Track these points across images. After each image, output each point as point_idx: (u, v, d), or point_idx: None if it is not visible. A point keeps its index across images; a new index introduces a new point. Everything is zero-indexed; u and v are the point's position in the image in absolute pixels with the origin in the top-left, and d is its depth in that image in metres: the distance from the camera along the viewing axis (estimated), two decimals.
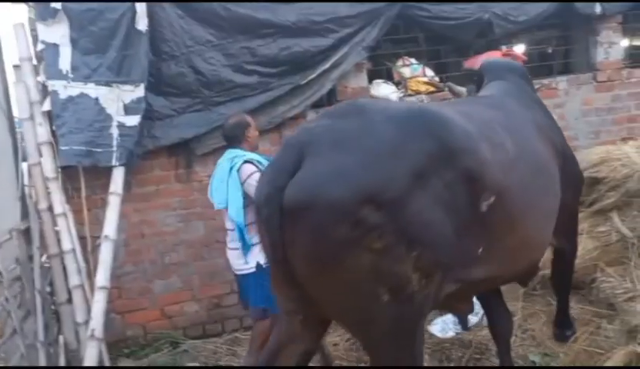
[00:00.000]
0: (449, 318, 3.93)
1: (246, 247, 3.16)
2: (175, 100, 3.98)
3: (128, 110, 3.80)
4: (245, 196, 3.15)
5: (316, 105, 4.30)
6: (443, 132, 1.97)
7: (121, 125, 3.78)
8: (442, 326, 3.88)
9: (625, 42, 5.30)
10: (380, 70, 4.70)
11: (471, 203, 1.99)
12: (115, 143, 3.78)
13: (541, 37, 6.68)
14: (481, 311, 3.88)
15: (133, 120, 3.80)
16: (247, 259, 3.19)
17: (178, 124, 3.98)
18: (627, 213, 3.57)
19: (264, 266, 3.10)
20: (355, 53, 4.25)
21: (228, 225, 3.30)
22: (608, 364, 2.59)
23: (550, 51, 6.52)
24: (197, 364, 3.84)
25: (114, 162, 3.77)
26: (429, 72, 4.64)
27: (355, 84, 4.40)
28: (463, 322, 3.80)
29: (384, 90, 4.47)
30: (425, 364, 3.32)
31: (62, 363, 3.54)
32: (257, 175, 3.09)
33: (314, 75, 4.18)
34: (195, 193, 4.16)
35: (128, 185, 3.91)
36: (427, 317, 4.07)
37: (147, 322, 4.14)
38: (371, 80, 4.52)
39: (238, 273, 3.29)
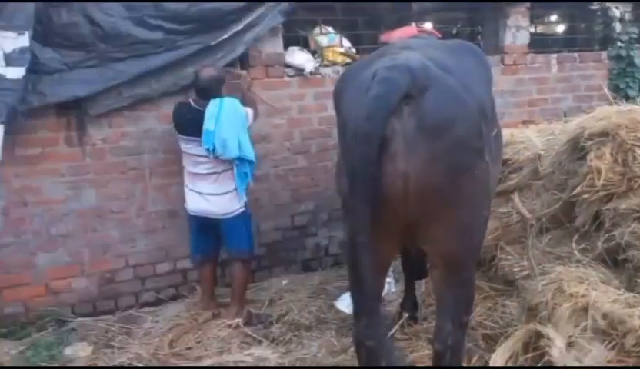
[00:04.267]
0: None
1: (243, 187, 3.57)
2: (65, 53, 3.52)
3: (9, 60, 3.31)
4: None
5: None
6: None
7: (1, 78, 3.29)
8: (349, 301, 3.83)
9: (531, 27, 5.49)
10: (295, 37, 4.49)
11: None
12: None
13: (448, 17, 6.80)
14: (387, 287, 3.92)
15: (16, 72, 3.31)
16: (239, 200, 3.57)
17: (69, 80, 3.53)
18: (527, 195, 3.71)
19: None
20: (270, 16, 4.00)
21: (208, 170, 3.52)
22: (510, 341, 2.68)
23: (454, 32, 6.67)
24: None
25: None
26: (346, 43, 4.52)
27: (269, 48, 4.17)
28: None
29: (299, 58, 4.28)
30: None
31: None
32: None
33: (225, 36, 3.89)
34: (88, 158, 3.77)
35: (8, 146, 3.44)
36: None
37: (29, 299, 3.73)
38: (286, 47, 4.31)
39: (225, 217, 3.56)
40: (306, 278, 4.38)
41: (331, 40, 4.45)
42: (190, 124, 3.50)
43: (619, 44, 5.43)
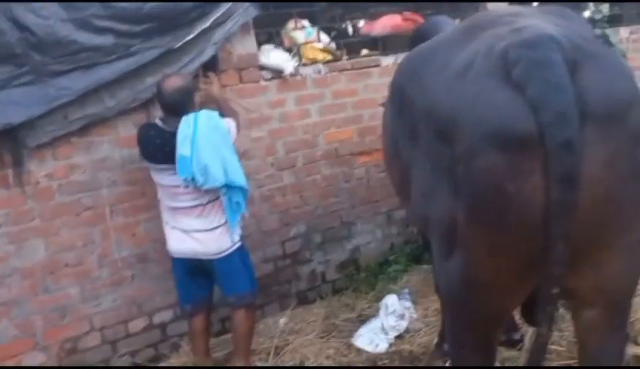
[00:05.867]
0: (375, 326, 3.33)
1: (235, 218, 2.89)
2: None
3: None
4: None
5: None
6: None
7: None
8: (370, 337, 3.27)
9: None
10: (267, 34, 3.87)
11: None
12: None
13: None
14: (407, 313, 3.38)
15: None
16: (233, 234, 2.91)
17: None
18: None
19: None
20: (241, 10, 3.36)
21: (190, 203, 2.85)
22: None
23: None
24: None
25: None
26: (324, 38, 3.94)
27: (241, 49, 3.52)
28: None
29: (276, 58, 3.66)
30: None
31: None
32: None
33: (191, 36, 3.21)
34: (30, 201, 2.96)
35: None
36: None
37: None
38: (257, 46, 3.68)
39: (217, 257, 2.89)
40: (306, 313, 3.75)
41: (308, 35, 3.86)
42: (160, 150, 2.81)
43: (593, 23, 5.23)
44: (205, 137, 2.75)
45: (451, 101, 1.56)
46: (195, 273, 2.96)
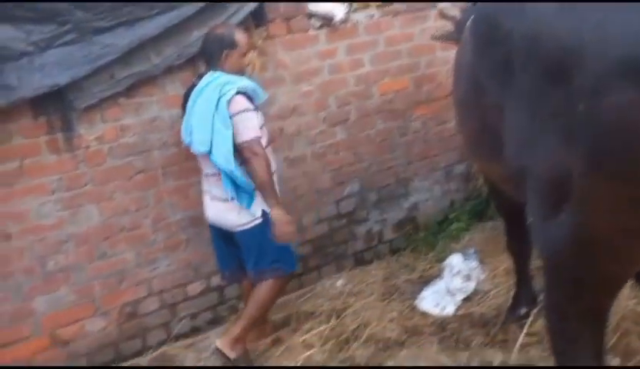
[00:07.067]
0: (440, 288, 3.17)
1: (247, 196, 2.65)
2: (32, 28, 2.59)
3: None
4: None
5: None
6: None
7: None
8: (435, 299, 3.10)
9: None
10: None
11: None
12: None
13: None
14: (474, 274, 3.19)
15: None
16: (251, 209, 2.66)
17: (42, 66, 2.61)
18: None
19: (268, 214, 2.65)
20: None
21: (209, 170, 2.72)
22: None
23: None
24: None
25: None
26: None
27: None
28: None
29: (325, 5, 3.41)
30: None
31: None
32: (251, 115, 2.59)
33: None
34: (82, 166, 2.88)
35: None
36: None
37: (32, 356, 2.87)
38: None
39: (236, 229, 2.72)
40: (364, 274, 3.61)
41: None
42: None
43: None
44: (205, 100, 2.59)
45: (567, 27, 1.29)
46: (227, 238, 2.83)
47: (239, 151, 2.58)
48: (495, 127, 1.63)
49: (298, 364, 2.73)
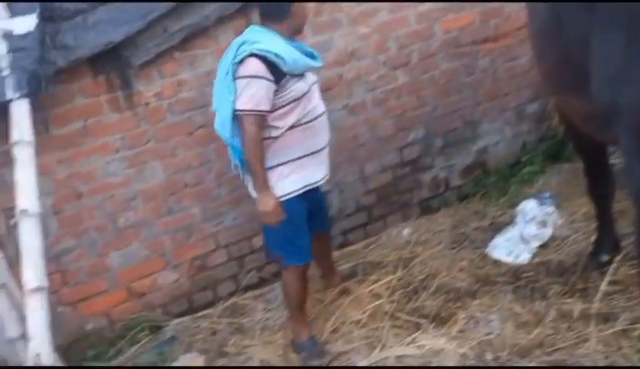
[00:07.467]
0: (513, 235, 3.01)
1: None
2: None
3: (14, 9, 2.44)
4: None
5: None
6: None
7: (7, 35, 2.42)
8: (507, 247, 2.96)
9: None
10: None
11: None
12: (3, 64, 2.42)
13: None
14: (550, 220, 3.00)
15: (25, 23, 2.43)
16: (277, 184, 2.43)
17: (96, 23, 2.61)
18: None
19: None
20: None
21: None
22: None
23: None
24: None
25: (10, 95, 2.42)
26: None
27: None
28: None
29: None
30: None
31: None
32: (258, 83, 2.26)
33: None
34: (143, 123, 2.90)
35: (40, 126, 2.61)
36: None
37: (110, 309, 3.01)
38: None
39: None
40: (430, 223, 3.50)
41: None
42: None
43: None
44: (225, 60, 2.41)
45: None
46: None
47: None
48: (579, 59, 1.44)
49: (366, 315, 2.70)
